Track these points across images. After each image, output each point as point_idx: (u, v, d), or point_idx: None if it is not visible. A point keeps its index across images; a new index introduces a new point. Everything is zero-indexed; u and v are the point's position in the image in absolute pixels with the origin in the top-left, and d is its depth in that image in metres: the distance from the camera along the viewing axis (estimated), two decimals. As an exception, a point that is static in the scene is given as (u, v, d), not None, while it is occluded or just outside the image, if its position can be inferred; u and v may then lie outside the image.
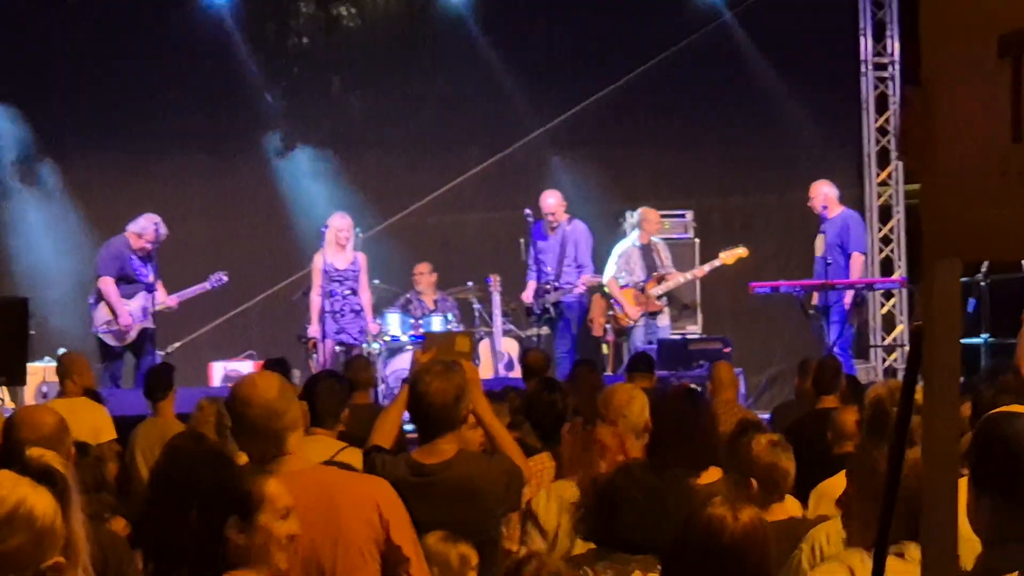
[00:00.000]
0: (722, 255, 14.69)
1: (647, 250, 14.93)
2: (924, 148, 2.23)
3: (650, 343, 14.44)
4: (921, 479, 3.92)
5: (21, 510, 2.47)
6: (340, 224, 14.02)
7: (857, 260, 14.35)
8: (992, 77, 2.12)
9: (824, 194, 14.42)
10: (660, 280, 14.81)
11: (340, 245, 13.97)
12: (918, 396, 2.32)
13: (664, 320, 14.90)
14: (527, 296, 14.84)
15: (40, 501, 2.50)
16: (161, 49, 16.24)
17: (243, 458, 5.46)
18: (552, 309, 14.68)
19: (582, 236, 14.79)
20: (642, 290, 14.79)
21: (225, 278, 14.26)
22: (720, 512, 3.58)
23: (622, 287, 14.85)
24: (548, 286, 14.64)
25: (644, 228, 14.98)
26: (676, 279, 14.86)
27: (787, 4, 16.44)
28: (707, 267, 14.85)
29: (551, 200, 14.76)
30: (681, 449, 5.30)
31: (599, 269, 14.83)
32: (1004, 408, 3.60)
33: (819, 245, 14.30)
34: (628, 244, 15.04)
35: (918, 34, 2.26)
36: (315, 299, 13.97)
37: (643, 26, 16.68)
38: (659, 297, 14.82)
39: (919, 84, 2.27)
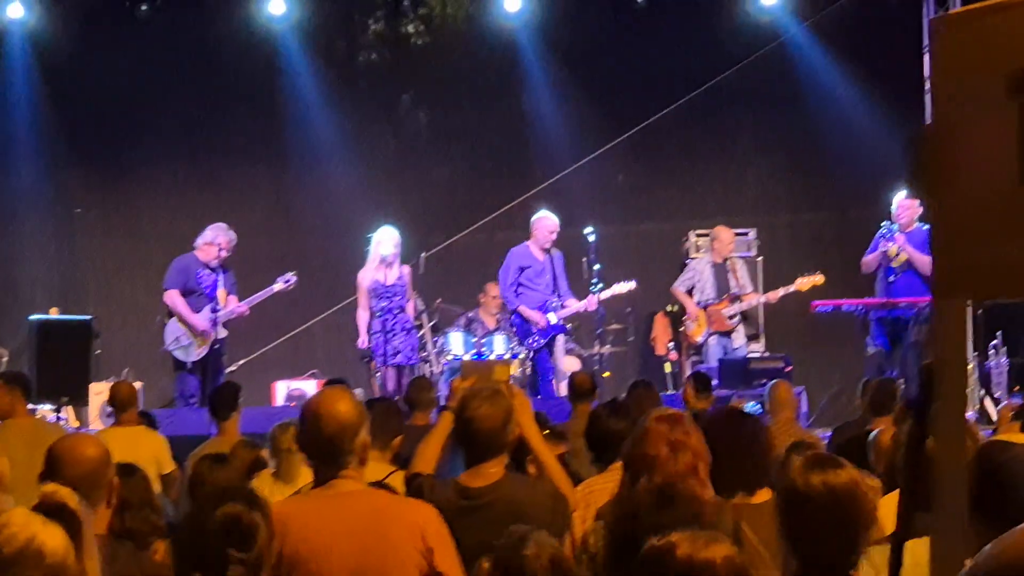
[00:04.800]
0: (799, 281, 14.42)
1: (720, 269, 14.87)
2: (936, 186, 2.24)
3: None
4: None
5: (31, 547, 2.49)
6: (386, 239, 13.51)
7: None
8: (1000, 117, 2.13)
9: (918, 208, 14.12)
10: (733, 300, 14.74)
11: (387, 263, 13.44)
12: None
13: (740, 339, 14.78)
14: (541, 318, 14.16)
15: (51, 539, 2.52)
16: (228, 65, 16.42)
17: (307, 476, 5.50)
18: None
19: (562, 260, 14.44)
20: (705, 308, 14.74)
21: (293, 278, 13.85)
22: (664, 544, 3.32)
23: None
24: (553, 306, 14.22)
25: (715, 247, 14.95)
26: (749, 301, 14.79)
27: (852, 22, 16.36)
28: (782, 291, 14.59)
29: (554, 221, 14.35)
30: (727, 470, 5.26)
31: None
32: (1000, 437, 3.63)
33: (900, 257, 13.95)
34: (701, 260, 15.05)
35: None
36: (362, 314, 13.51)
37: (708, 44, 16.65)
38: (731, 317, 14.74)
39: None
